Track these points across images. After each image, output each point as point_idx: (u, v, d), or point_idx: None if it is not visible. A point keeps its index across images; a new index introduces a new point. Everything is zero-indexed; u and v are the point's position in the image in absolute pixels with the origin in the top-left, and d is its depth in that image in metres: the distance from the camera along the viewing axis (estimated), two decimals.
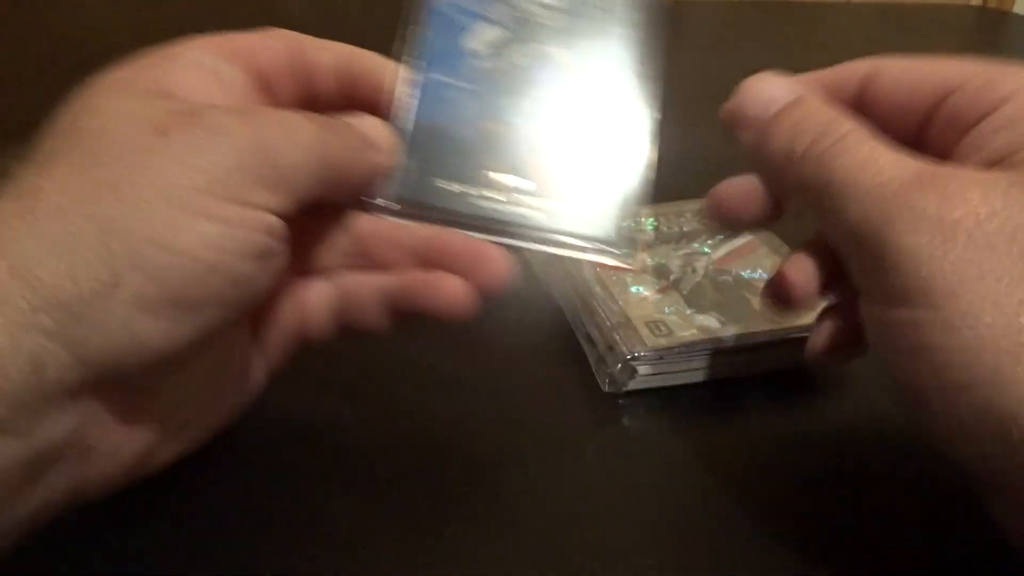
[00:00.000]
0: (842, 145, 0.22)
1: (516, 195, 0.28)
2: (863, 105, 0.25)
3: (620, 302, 0.33)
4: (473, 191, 0.28)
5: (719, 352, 0.31)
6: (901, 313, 0.20)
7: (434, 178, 0.28)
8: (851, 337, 0.25)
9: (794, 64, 0.27)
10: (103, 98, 0.21)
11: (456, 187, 0.28)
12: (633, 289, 0.35)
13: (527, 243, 0.28)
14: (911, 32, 0.88)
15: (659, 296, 0.34)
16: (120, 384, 0.20)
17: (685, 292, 0.35)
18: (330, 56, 0.26)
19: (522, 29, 0.29)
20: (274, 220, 0.21)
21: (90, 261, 0.18)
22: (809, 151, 0.23)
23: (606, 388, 0.31)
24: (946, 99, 0.23)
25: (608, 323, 0.32)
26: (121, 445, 0.21)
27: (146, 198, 0.19)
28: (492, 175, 0.28)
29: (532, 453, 0.29)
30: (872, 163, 0.21)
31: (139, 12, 0.85)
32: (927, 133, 0.24)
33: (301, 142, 0.22)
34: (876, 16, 0.93)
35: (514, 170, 0.28)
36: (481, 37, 0.29)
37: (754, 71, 0.26)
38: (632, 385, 0.31)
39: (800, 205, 0.24)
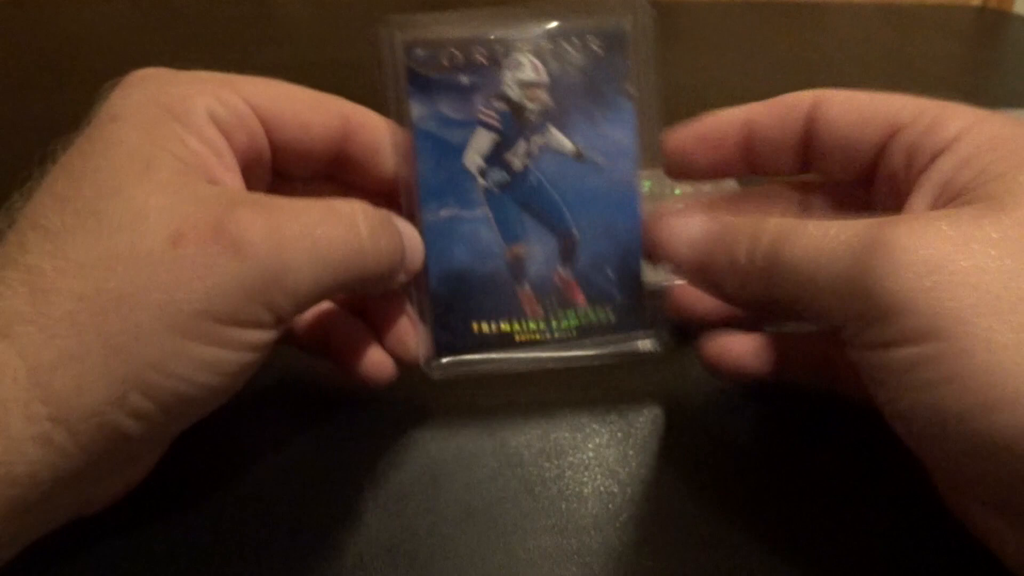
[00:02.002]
0: (779, 236, 0.22)
1: (549, 312, 0.28)
2: (810, 137, 0.25)
3: None
4: (508, 323, 0.28)
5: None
6: (909, 352, 0.20)
7: (470, 322, 0.28)
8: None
9: (794, 64, 0.28)
10: (125, 177, 0.21)
11: (493, 325, 0.28)
12: None
13: (568, 358, 0.28)
14: (911, 32, 0.88)
15: None
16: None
17: None
18: (330, 117, 0.26)
19: (512, 123, 0.27)
20: (272, 334, 0.22)
21: (97, 381, 0.19)
22: (749, 262, 0.23)
23: None
24: (895, 135, 0.24)
25: None
26: (122, 478, 0.23)
27: (149, 321, 0.19)
28: (523, 300, 0.28)
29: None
30: (821, 235, 0.21)
31: (140, 11, 0.85)
32: (879, 167, 0.25)
33: (326, 260, 0.22)
34: (876, 16, 0.93)
35: (542, 288, 0.28)
36: (476, 150, 0.27)
37: (754, 72, 0.26)
38: None
39: (775, 310, 0.24)
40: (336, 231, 0.22)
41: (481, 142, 0.27)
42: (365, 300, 0.29)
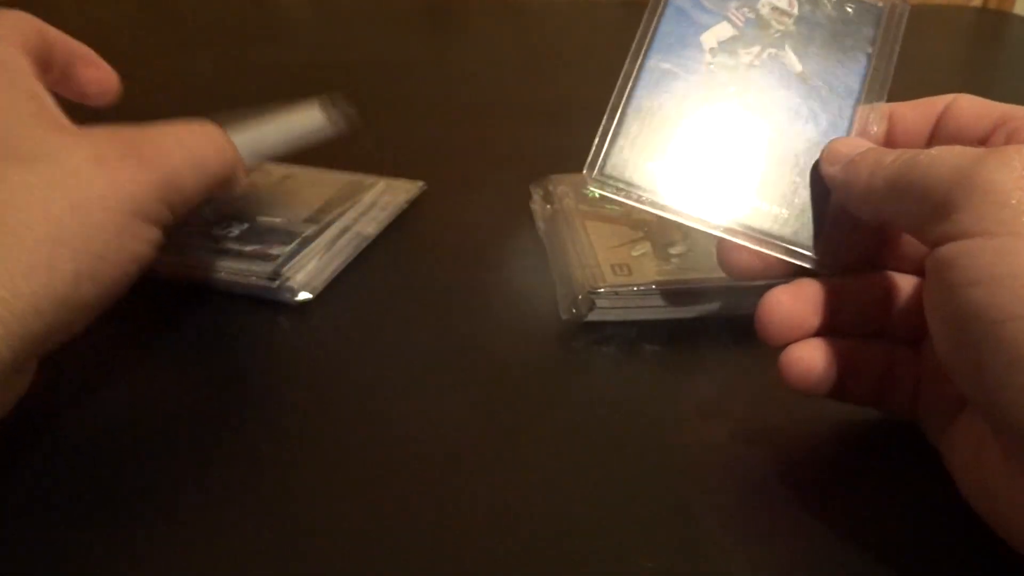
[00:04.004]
0: (916, 151, 0.24)
1: (724, 186, 0.29)
2: (940, 122, 0.29)
3: (594, 246, 0.37)
4: (681, 176, 0.29)
5: (672, 294, 0.34)
6: (984, 243, 0.21)
7: (645, 160, 0.30)
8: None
9: None
10: (13, 127, 0.26)
11: (664, 170, 0.29)
12: (609, 236, 0.38)
13: (725, 234, 0.29)
14: (911, 32, 0.88)
15: (630, 244, 0.37)
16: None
17: (656, 242, 0.38)
18: (59, 36, 0.32)
19: (755, 30, 0.31)
20: (160, 235, 0.28)
21: (63, 277, 0.24)
22: (891, 162, 0.25)
23: (565, 316, 0.35)
24: (1004, 124, 0.27)
25: (578, 262, 0.36)
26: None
27: (98, 222, 0.25)
28: (702, 164, 0.29)
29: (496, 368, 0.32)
30: (948, 147, 0.23)
31: (140, 11, 0.85)
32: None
33: (206, 168, 0.30)
34: None
35: (725, 163, 0.30)
36: (716, 34, 0.31)
37: None
38: (591, 317, 0.34)
39: (878, 213, 0.25)
40: (207, 146, 0.30)
41: (721, 31, 0.31)
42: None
